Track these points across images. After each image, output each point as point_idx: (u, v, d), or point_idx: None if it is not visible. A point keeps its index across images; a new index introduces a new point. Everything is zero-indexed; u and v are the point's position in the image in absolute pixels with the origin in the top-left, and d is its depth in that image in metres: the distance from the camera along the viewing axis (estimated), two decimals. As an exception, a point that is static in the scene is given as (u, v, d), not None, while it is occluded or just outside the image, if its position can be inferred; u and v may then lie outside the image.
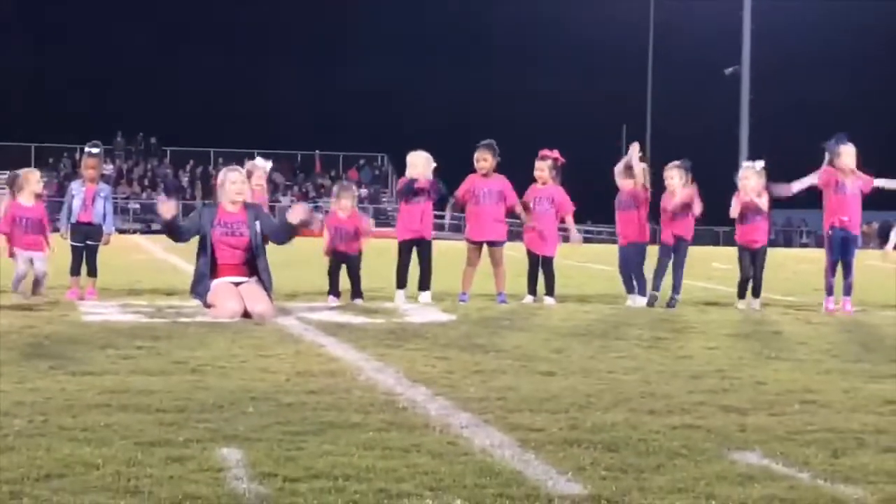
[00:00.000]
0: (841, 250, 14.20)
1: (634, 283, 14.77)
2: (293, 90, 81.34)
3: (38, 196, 14.11)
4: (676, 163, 14.77)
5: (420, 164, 14.77)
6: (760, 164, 14.82)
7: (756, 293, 14.71)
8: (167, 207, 12.48)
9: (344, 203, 14.33)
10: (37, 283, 13.76)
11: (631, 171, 14.84)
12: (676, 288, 14.51)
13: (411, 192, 14.64)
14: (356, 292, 14.16)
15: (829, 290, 14.28)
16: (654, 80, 77.79)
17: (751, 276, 14.66)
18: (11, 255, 13.90)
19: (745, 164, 15.09)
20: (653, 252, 14.66)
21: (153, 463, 5.14)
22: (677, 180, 14.57)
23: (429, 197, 14.74)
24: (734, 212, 14.64)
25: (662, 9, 75.63)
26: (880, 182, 14.39)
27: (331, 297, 14.14)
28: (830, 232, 14.26)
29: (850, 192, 14.17)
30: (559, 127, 59.96)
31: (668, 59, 76.05)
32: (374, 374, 7.95)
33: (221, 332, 10.38)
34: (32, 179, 14.08)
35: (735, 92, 65.34)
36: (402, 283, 14.72)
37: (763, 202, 14.59)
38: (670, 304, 14.25)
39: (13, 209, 13.98)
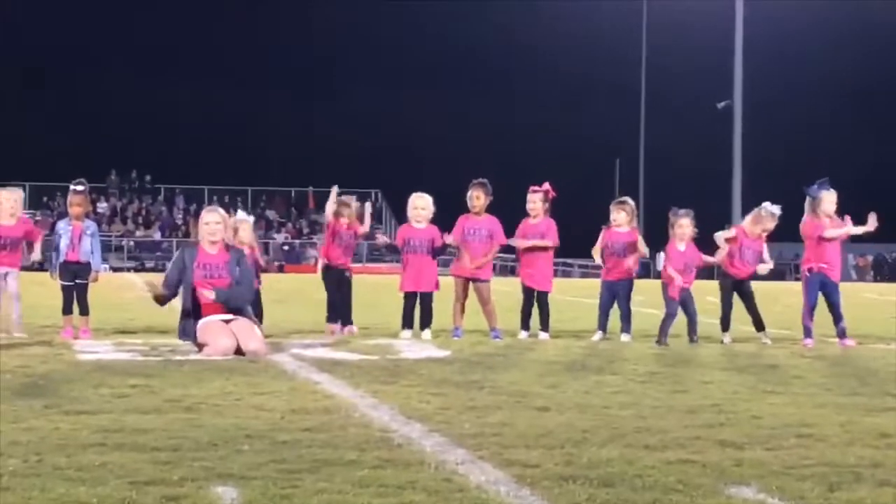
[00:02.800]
0: (824, 295, 14.20)
1: (618, 319, 14.72)
2: (286, 127, 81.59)
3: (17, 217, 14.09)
4: (684, 211, 14.65)
5: (428, 210, 14.82)
6: (778, 208, 14.75)
7: (760, 327, 14.62)
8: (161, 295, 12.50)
9: (343, 210, 14.33)
10: (16, 299, 13.71)
11: (623, 205, 14.86)
12: (694, 329, 14.47)
13: (444, 251, 14.95)
14: (347, 318, 13.98)
15: (808, 333, 14.24)
16: (647, 115, 78.10)
17: (732, 308, 14.61)
18: None
19: (773, 210, 14.82)
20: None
21: (148, 502, 5.12)
22: (688, 230, 14.49)
23: (428, 248, 14.78)
24: (726, 241, 14.61)
25: (655, 43, 76.03)
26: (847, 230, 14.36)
27: (334, 326, 13.94)
28: (808, 273, 14.29)
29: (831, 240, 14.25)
30: (553, 162, 60.21)
31: (660, 93, 76.40)
32: (368, 411, 7.93)
33: (215, 370, 10.35)
34: (3, 198, 14.02)
35: (728, 125, 65.53)
36: (408, 324, 14.73)
37: (762, 247, 14.60)
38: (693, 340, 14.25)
39: None
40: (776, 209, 14.77)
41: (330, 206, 14.85)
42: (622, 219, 14.88)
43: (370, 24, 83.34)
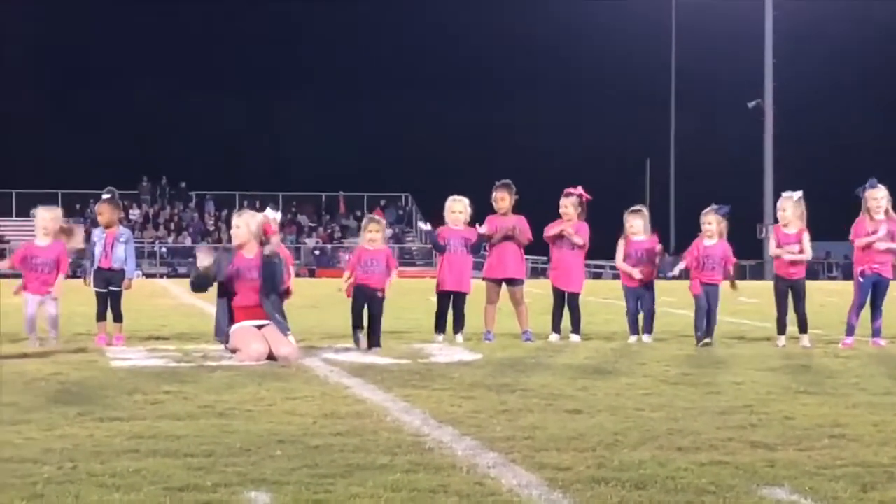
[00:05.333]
0: (872, 294, 14.11)
1: (641, 322, 14.69)
2: (316, 132, 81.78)
3: (54, 236, 14.03)
4: (713, 207, 14.55)
5: (465, 213, 14.78)
6: (798, 194, 14.53)
7: (803, 328, 14.32)
8: (205, 256, 12.53)
9: (372, 235, 13.92)
10: (52, 326, 13.77)
11: (639, 213, 14.88)
12: (710, 330, 14.38)
13: (481, 247, 14.84)
14: (375, 341, 13.47)
15: (851, 331, 14.14)
16: (677, 114, 77.93)
17: (787, 311, 14.41)
18: (17, 292, 13.98)
19: (784, 195, 14.71)
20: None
21: (182, 508, 5.15)
22: (714, 226, 14.37)
23: (465, 249, 14.75)
24: (772, 250, 14.44)
25: (684, 42, 75.86)
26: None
27: (356, 333, 13.74)
28: (862, 279, 14.14)
29: (882, 237, 14.05)
30: (583, 162, 60.14)
31: (691, 92, 76.21)
32: (400, 415, 7.95)
33: (248, 376, 10.40)
34: (40, 217, 14.06)
35: (759, 124, 65.30)
36: (441, 328, 14.71)
37: (802, 238, 14.33)
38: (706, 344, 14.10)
39: (25, 249, 14.05)
40: (788, 193, 14.57)
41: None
42: (639, 226, 14.85)
43: (399, 29, 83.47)
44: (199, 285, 12.56)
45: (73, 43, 79.55)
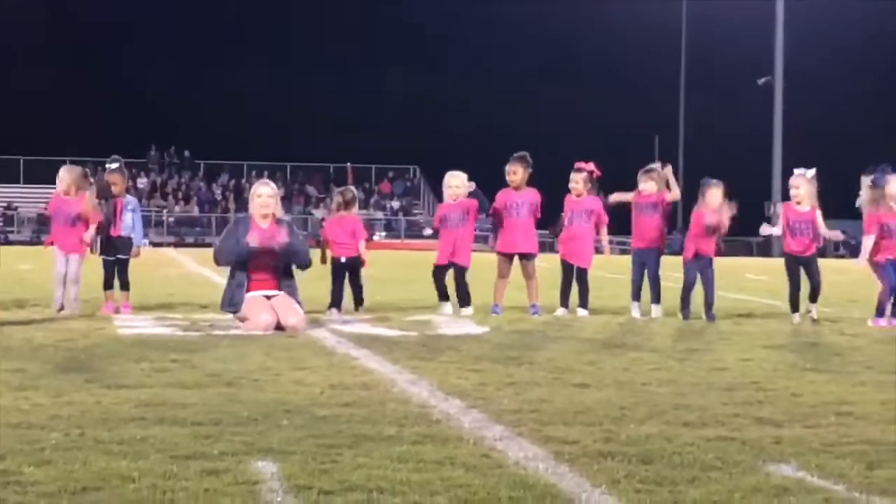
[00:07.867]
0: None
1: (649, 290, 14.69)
2: (325, 103, 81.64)
3: (81, 190, 14.07)
4: (715, 181, 14.54)
5: (462, 187, 14.80)
6: (812, 172, 14.46)
7: (813, 298, 14.24)
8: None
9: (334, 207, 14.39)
10: (72, 283, 13.78)
11: (651, 173, 14.81)
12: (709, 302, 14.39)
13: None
14: (358, 299, 14.23)
15: (881, 312, 14.03)
16: (686, 91, 77.68)
17: (800, 288, 14.33)
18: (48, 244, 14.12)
19: (797, 172, 14.66)
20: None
21: (189, 476, 5.16)
22: (718, 198, 14.39)
23: (464, 222, 14.75)
24: (779, 228, 14.39)
25: (695, 19, 75.57)
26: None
27: (332, 309, 14.03)
28: (880, 267, 14.04)
29: None
30: (591, 138, 59.95)
31: (700, 69, 75.96)
32: (407, 387, 7.96)
33: (255, 345, 10.41)
34: (59, 179, 14.12)
35: (768, 102, 65.03)
36: (443, 296, 14.73)
37: (816, 217, 14.28)
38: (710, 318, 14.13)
39: (54, 201, 14.15)
40: (801, 170, 14.50)
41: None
42: (651, 187, 14.80)
43: (412, 5, 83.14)
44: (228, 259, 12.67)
45: (81, 11, 79.41)
